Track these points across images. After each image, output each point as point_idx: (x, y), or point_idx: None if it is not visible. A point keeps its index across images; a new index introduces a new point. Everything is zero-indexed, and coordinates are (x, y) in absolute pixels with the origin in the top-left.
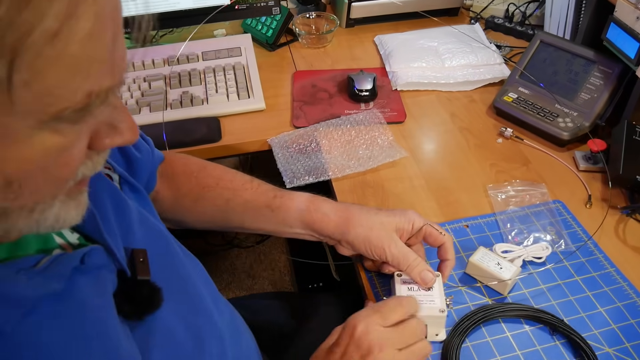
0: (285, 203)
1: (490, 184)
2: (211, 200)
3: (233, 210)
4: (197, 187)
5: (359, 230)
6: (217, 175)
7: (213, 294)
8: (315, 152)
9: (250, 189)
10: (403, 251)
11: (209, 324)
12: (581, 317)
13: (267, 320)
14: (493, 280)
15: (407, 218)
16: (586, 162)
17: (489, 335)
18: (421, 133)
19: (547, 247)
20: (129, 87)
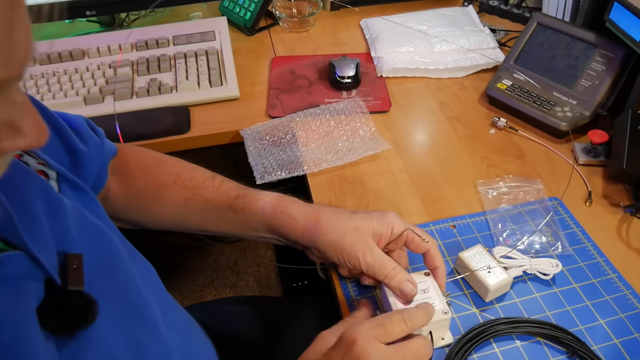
0: (249, 204)
1: (480, 179)
2: (168, 199)
3: (192, 210)
4: (152, 184)
5: (330, 236)
6: (176, 172)
7: (163, 303)
8: (290, 145)
9: (212, 188)
10: (380, 260)
11: (153, 338)
12: (579, 329)
13: (235, 328)
14: (477, 283)
15: (385, 222)
16: (586, 155)
17: (498, 347)
18: (407, 123)
19: (557, 264)
20: (93, 74)
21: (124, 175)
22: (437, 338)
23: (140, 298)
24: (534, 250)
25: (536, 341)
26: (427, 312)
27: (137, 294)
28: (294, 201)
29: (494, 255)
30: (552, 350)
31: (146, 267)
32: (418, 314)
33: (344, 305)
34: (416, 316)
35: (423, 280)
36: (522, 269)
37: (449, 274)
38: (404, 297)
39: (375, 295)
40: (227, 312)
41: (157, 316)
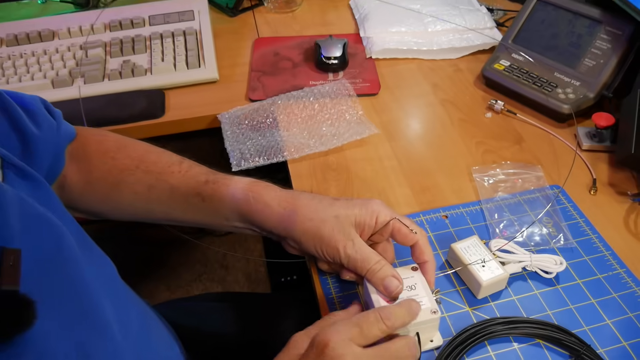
0: (218, 190)
1: (475, 165)
2: (130, 186)
3: (157, 198)
4: (113, 170)
5: (307, 225)
6: (139, 156)
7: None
8: (270, 129)
9: (178, 173)
10: (362, 252)
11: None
12: (583, 330)
13: (207, 327)
14: (469, 278)
15: (369, 210)
16: (590, 140)
17: (493, 350)
18: (397, 107)
19: (561, 261)
20: (62, 55)
21: (82, 161)
22: (425, 340)
23: (89, 298)
24: (534, 242)
25: (536, 343)
26: (410, 309)
27: (86, 294)
28: (269, 186)
29: (490, 248)
30: (553, 353)
31: (103, 262)
32: (399, 312)
33: (323, 303)
34: (396, 314)
35: (410, 276)
36: (522, 265)
37: (440, 268)
38: (388, 294)
39: (358, 292)
40: (199, 309)
41: (108, 318)
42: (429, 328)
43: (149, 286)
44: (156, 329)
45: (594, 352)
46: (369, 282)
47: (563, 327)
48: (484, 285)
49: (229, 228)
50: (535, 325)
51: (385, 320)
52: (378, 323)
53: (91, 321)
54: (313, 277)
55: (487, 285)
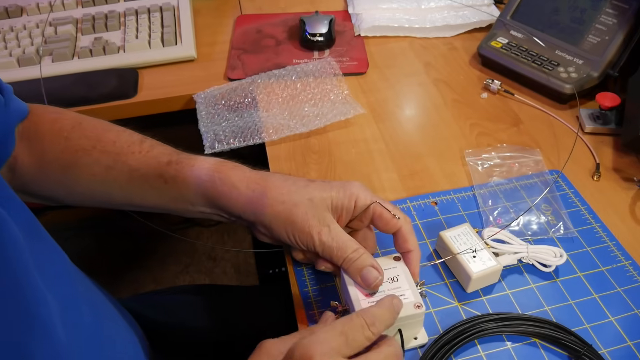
0: (182, 171)
1: (469, 148)
2: (86, 168)
3: (115, 181)
4: (67, 150)
5: (278, 208)
6: (95, 135)
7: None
8: (248, 110)
9: (139, 153)
10: (339, 239)
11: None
12: (584, 328)
13: (179, 321)
14: (458, 269)
15: (348, 193)
16: (594, 122)
17: (484, 350)
18: (386, 86)
19: (562, 254)
20: (30, 32)
21: (34, 142)
22: (408, 337)
23: (31, 292)
24: (531, 232)
25: (531, 343)
26: (391, 308)
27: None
28: (237, 167)
29: (483, 237)
30: (551, 354)
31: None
32: (382, 315)
33: (297, 297)
34: (380, 318)
35: (392, 266)
36: (517, 256)
37: (428, 259)
38: (366, 286)
39: (336, 285)
40: (171, 303)
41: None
42: (413, 324)
43: (134, 278)
44: (115, 327)
45: (595, 353)
46: (345, 272)
47: (562, 324)
48: (474, 277)
49: (195, 214)
50: (531, 323)
51: (370, 326)
52: (364, 330)
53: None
54: (287, 267)
55: (478, 278)
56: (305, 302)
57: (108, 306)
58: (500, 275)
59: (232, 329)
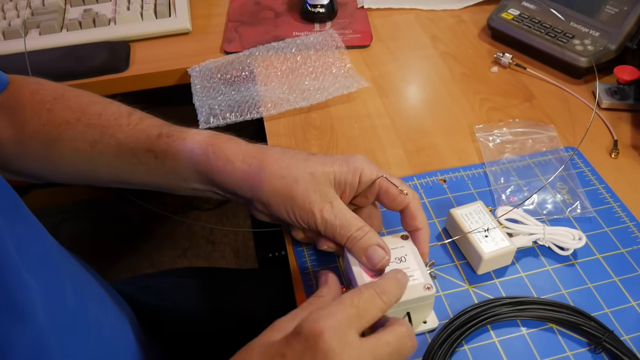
0: (173, 145)
1: (479, 124)
2: (70, 142)
3: (101, 156)
4: (49, 124)
5: (276, 183)
6: (80, 107)
7: (50, 282)
8: (246, 84)
9: (127, 126)
10: (342, 217)
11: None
12: (605, 313)
13: (173, 305)
14: (469, 250)
15: (352, 167)
16: (611, 97)
17: (497, 336)
18: (390, 60)
19: (581, 236)
20: (17, 4)
21: (14, 114)
22: (417, 321)
23: (9, 275)
24: (546, 211)
25: (548, 328)
26: (397, 280)
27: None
28: (232, 139)
29: (497, 216)
30: (569, 340)
31: (34, 233)
32: (390, 285)
33: (297, 279)
34: (389, 288)
35: (399, 246)
36: (533, 238)
37: (437, 239)
38: (372, 267)
39: (339, 265)
40: (166, 286)
41: (33, 298)
42: (422, 307)
43: (131, 262)
44: (103, 311)
45: (617, 340)
46: (349, 252)
47: (581, 309)
48: (486, 258)
49: (188, 191)
50: (547, 307)
51: (381, 295)
52: (374, 300)
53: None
54: (287, 247)
55: (489, 259)
56: (305, 284)
57: (96, 289)
58: (514, 257)
59: (228, 313)
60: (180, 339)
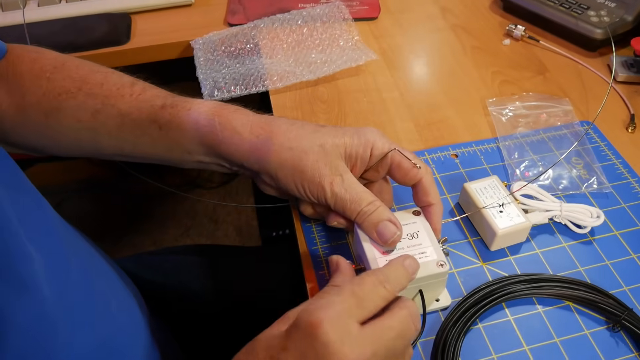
0: (177, 116)
1: (491, 98)
2: (71, 112)
3: (103, 127)
4: (50, 93)
5: (285, 155)
6: (81, 77)
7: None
8: (251, 56)
9: (129, 96)
10: (353, 191)
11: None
12: (623, 291)
13: (177, 283)
14: (483, 225)
15: (363, 139)
16: (627, 70)
17: (512, 314)
18: (400, 32)
19: (599, 214)
20: None
21: (13, 84)
22: (429, 298)
23: (13, 246)
24: (562, 186)
25: (565, 306)
26: (403, 267)
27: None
28: (239, 110)
29: (512, 191)
30: (586, 318)
31: (37, 206)
32: (394, 272)
33: (305, 256)
34: (393, 275)
35: (411, 222)
36: (549, 215)
37: (450, 215)
38: (383, 242)
39: (348, 242)
40: (170, 264)
41: (36, 270)
42: (435, 284)
43: (133, 240)
44: (109, 286)
45: (637, 317)
46: (359, 227)
47: (598, 287)
48: (500, 234)
49: (193, 164)
50: (564, 285)
51: (385, 283)
52: (376, 288)
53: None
54: (295, 223)
55: (503, 235)
56: (314, 260)
57: (102, 265)
58: (529, 234)
59: (233, 290)
60: (186, 318)
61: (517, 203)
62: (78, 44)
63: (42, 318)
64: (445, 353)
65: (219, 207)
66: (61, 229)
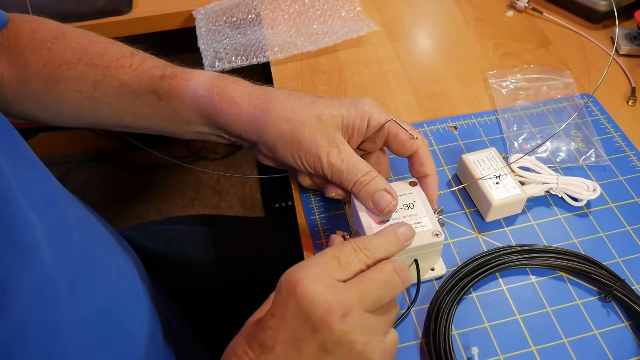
0: (177, 86)
1: (492, 70)
2: (72, 83)
3: (104, 98)
4: (50, 63)
5: (282, 127)
6: (81, 47)
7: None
8: (252, 27)
9: (129, 67)
10: (349, 161)
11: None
12: (616, 262)
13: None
14: (479, 196)
15: (360, 110)
16: (630, 43)
17: (505, 284)
18: (402, 2)
19: (595, 187)
20: None
21: (14, 54)
22: (424, 268)
23: (14, 212)
24: (559, 159)
25: (558, 276)
26: (394, 234)
27: (9, 207)
28: (237, 81)
29: (509, 163)
30: (579, 288)
31: (38, 175)
32: (378, 241)
33: (303, 226)
34: (376, 244)
35: (408, 192)
36: (545, 187)
37: (446, 186)
38: (378, 212)
39: (346, 213)
40: (173, 233)
41: (37, 237)
42: (430, 254)
43: (138, 211)
44: (109, 254)
45: (629, 288)
46: (356, 197)
47: (591, 257)
48: (495, 205)
49: (192, 134)
50: (558, 256)
51: (363, 249)
52: (356, 253)
53: (11, 241)
54: (293, 193)
55: (499, 206)
56: (312, 230)
57: (102, 233)
58: (525, 206)
59: (234, 260)
60: (188, 287)
61: (514, 175)
62: (80, 13)
63: (45, 285)
64: (439, 321)
65: (223, 178)
66: (63, 199)
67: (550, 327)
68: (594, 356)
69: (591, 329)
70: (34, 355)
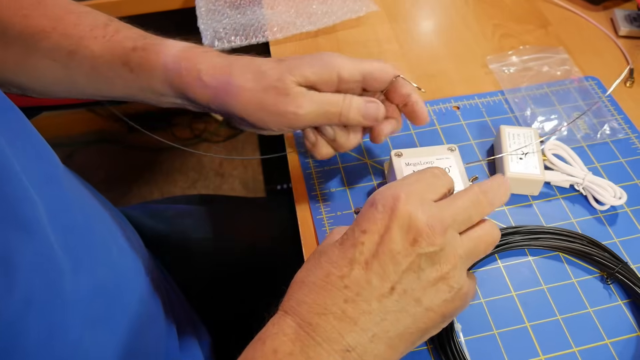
0: (148, 59)
1: (491, 51)
2: (46, 52)
3: (79, 68)
4: (26, 31)
5: (245, 96)
6: (56, 16)
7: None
8: (252, 7)
9: (102, 38)
10: (321, 100)
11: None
12: (613, 242)
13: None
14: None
15: (322, 63)
16: (630, 25)
17: (503, 262)
18: None
19: (622, 195)
20: None
21: None
22: None
23: (14, 188)
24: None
25: (554, 256)
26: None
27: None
28: (207, 52)
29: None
30: (575, 268)
31: (39, 151)
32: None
33: (303, 202)
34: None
35: (445, 157)
36: (571, 180)
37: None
38: (371, 121)
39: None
40: (174, 212)
41: (39, 216)
42: None
43: (140, 193)
44: (110, 232)
45: (631, 271)
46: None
47: (594, 239)
48: (508, 176)
49: (168, 104)
50: (561, 237)
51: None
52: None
53: (13, 217)
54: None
55: (512, 179)
56: (313, 206)
57: (102, 211)
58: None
59: (234, 239)
60: (188, 265)
61: (543, 158)
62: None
63: (48, 262)
64: None
65: (226, 161)
66: (63, 176)
67: (546, 304)
68: (587, 333)
69: (585, 306)
70: (39, 332)
